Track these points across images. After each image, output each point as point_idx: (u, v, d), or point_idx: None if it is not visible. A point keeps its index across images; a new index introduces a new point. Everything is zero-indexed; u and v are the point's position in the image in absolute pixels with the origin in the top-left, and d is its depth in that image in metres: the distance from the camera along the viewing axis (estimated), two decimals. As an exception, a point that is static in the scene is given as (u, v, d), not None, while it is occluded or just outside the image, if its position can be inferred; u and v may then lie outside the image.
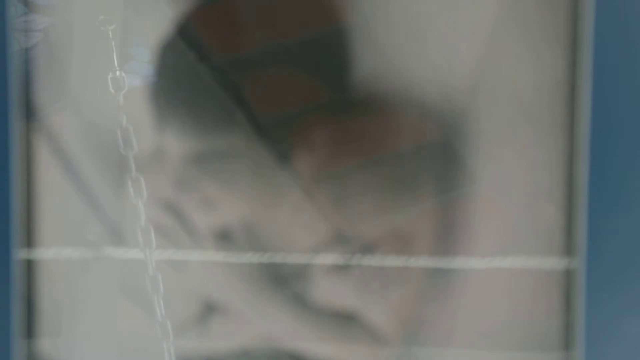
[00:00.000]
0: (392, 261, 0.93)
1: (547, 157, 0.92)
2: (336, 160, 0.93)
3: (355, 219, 0.93)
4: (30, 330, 0.94)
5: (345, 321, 0.94)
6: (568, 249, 0.92)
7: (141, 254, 0.94)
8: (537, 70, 0.92)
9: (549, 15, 0.91)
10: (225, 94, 0.93)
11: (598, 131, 0.88)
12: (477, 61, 0.92)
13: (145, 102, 0.93)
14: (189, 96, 0.93)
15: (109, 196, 0.94)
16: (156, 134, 0.93)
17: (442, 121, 0.92)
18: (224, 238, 0.94)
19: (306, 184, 0.93)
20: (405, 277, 0.93)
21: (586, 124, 0.89)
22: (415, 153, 0.93)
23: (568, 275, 0.92)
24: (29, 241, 0.94)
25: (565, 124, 0.92)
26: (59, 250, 0.94)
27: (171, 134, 0.93)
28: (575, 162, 0.91)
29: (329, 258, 0.94)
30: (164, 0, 0.93)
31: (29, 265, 0.94)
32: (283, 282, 0.94)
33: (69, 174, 0.94)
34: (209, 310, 0.95)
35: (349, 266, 0.93)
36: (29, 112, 0.93)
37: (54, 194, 0.94)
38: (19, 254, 0.92)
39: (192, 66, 0.93)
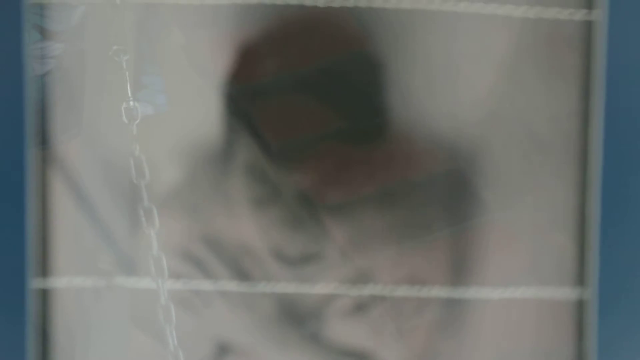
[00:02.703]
0: (404, 291, 0.93)
1: (559, 187, 0.93)
2: (349, 189, 0.93)
3: (367, 249, 0.93)
4: (43, 359, 0.94)
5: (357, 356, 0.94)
6: (580, 279, 0.93)
7: (153, 283, 0.94)
8: (550, 101, 0.92)
9: (562, 46, 0.92)
10: (236, 121, 0.92)
11: (611, 161, 0.89)
12: (489, 91, 0.92)
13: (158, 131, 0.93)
14: (199, 123, 0.93)
15: (121, 225, 0.94)
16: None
17: (454, 151, 0.93)
18: (235, 268, 0.94)
19: (318, 214, 0.93)
20: (418, 309, 0.93)
21: (599, 154, 0.89)
22: (428, 183, 0.93)
23: (580, 305, 0.93)
24: (43, 270, 0.93)
25: (578, 154, 0.92)
26: (71, 280, 0.94)
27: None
28: (588, 192, 0.92)
29: (340, 288, 0.94)
30: (177, 27, 0.92)
31: (44, 295, 0.94)
32: (297, 316, 0.94)
33: (82, 201, 0.94)
34: (222, 349, 0.95)
35: (363, 301, 0.94)
36: (44, 139, 0.92)
37: (66, 222, 0.94)
38: (34, 283, 0.91)
39: (203, 93, 0.93)
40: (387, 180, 0.93)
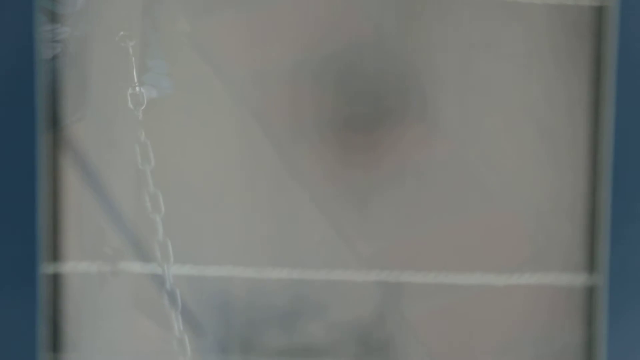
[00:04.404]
0: (409, 277, 0.93)
1: (568, 175, 0.92)
2: (353, 176, 0.93)
3: (371, 234, 0.93)
4: (54, 344, 0.94)
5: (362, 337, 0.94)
6: (589, 265, 0.92)
7: (159, 268, 0.94)
8: (557, 88, 0.92)
9: (572, 33, 0.92)
10: (241, 111, 0.93)
11: (620, 148, 0.88)
12: (496, 79, 0.92)
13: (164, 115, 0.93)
14: (204, 109, 0.93)
15: (127, 210, 0.94)
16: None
17: (459, 137, 0.92)
18: (240, 254, 0.94)
19: (323, 201, 0.93)
20: (423, 293, 0.93)
21: (609, 140, 0.89)
22: (432, 169, 0.93)
23: (589, 292, 0.92)
24: (54, 255, 0.94)
25: (587, 141, 0.92)
26: (76, 265, 0.94)
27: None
28: (598, 180, 0.91)
29: (345, 274, 0.94)
30: (182, 13, 0.93)
31: (53, 279, 0.94)
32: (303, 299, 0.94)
33: (88, 185, 0.94)
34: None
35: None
36: (54, 123, 0.93)
37: (72, 206, 0.94)
38: (44, 269, 0.91)
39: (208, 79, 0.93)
40: (391, 166, 0.92)
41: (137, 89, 0.92)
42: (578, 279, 0.92)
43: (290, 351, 0.94)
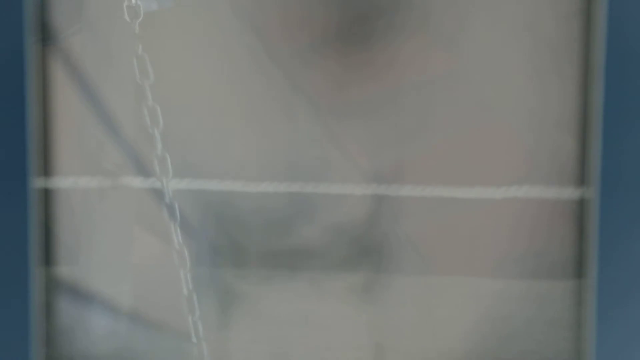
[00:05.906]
0: (409, 191, 0.94)
1: (562, 86, 0.92)
2: (353, 91, 0.93)
3: (370, 148, 0.94)
4: (48, 257, 0.95)
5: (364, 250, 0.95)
6: (582, 178, 0.93)
7: (158, 182, 0.94)
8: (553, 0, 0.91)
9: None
10: (241, 25, 0.92)
11: (614, 59, 0.88)
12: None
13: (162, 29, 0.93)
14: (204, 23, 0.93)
15: (126, 124, 0.94)
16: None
17: (457, 51, 0.92)
18: (240, 169, 0.94)
19: (323, 115, 0.93)
20: (423, 207, 0.94)
21: (601, 52, 0.88)
22: (431, 83, 0.92)
23: (582, 205, 0.93)
24: (47, 170, 0.94)
25: (581, 53, 0.92)
26: (76, 180, 0.95)
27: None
28: (590, 91, 0.91)
29: (345, 188, 0.94)
30: None
31: (47, 194, 0.94)
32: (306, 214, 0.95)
33: (86, 100, 0.94)
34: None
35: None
36: (46, 35, 0.92)
37: (70, 121, 0.94)
38: (37, 183, 0.92)
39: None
40: (391, 82, 0.92)
41: (133, 1, 0.91)
42: (574, 192, 0.93)
43: (288, 259, 0.95)
